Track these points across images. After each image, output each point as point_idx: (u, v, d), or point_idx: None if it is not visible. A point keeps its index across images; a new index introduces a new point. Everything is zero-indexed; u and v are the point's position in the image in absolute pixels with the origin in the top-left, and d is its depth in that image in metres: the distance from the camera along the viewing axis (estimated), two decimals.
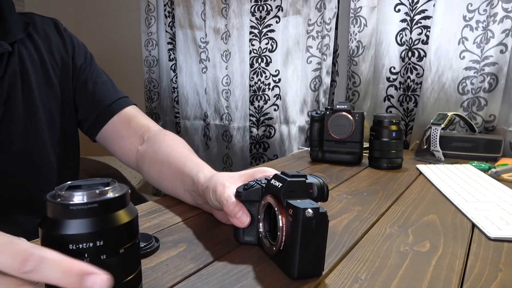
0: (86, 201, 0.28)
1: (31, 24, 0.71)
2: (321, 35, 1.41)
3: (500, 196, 0.66)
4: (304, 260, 0.38)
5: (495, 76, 1.09)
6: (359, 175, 0.87)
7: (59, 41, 0.75)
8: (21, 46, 0.68)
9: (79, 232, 0.28)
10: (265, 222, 0.44)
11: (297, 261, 0.38)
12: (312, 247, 0.38)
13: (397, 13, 1.25)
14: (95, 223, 0.28)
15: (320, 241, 0.38)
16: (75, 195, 0.28)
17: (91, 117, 0.76)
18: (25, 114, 0.66)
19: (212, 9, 1.63)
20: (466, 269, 0.42)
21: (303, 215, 0.37)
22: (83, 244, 0.28)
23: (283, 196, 0.40)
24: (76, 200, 0.28)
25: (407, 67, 1.26)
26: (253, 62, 1.58)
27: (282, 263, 0.41)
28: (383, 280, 0.39)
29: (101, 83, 0.78)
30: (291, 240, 0.39)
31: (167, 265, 0.42)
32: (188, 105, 1.79)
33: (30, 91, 0.67)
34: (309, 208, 0.37)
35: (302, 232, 0.37)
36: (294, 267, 0.38)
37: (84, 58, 0.78)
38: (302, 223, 0.37)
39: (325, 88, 1.42)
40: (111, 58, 2.03)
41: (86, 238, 0.28)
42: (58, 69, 0.74)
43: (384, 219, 0.57)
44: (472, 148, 1.04)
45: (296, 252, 0.38)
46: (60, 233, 0.28)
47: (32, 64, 0.69)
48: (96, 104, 0.76)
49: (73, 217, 0.28)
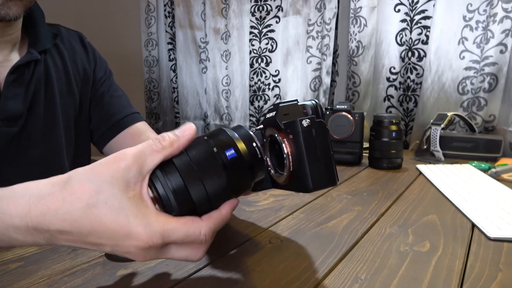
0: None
1: (59, 35, 0.75)
2: (321, 35, 1.41)
3: (500, 196, 0.66)
4: (315, 170, 0.37)
5: (495, 76, 1.09)
6: (359, 175, 0.87)
7: (83, 53, 0.79)
8: (48, 55, 0.72)
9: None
10: (272, 159, 0.43)
11: (308, 173, 0.37)
12: (318, 156, 0.38)
13: (397, 13, 1.25)
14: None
15: (325, 149, 0.38)
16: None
17: (102, 128, 0.80)
18: (45, 120, 0.70)
19: (212, 9, 1.63)
20: (466, 269, 0.42)
21: (300, 126, 0.37)
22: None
23: (279, 120, 0.40)
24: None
25: (407, 67, 1.26)
26: (253, 62, 1.58)
27: (296, 185, 0.40)
28: (383, 280, 0.39)
29: (117, 97, 0.82)
30: (298, 157, 0.38)
31: (167, 265, 0.42)
32: (188, 105, 1.79)
33: (53, 99, 0.71)
34: (305, 118, 0.37)
35: (305, 143, 0.37)
36: (307, 179, 0.38)
37: (104, 72, 0.82)
38: (302, 134, 0.37)
39: (325, 88, 1.42)
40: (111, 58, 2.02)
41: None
42: (80, 79, 0.78)
43: (384, 219, 0.57)
44: (472, 148, 1.04)
45: (305, 165, 0.37)
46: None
47: (57, 73, 0.73)
48: (109, 117, 0.80)
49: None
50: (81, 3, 2.16)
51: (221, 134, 0.38)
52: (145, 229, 0.31)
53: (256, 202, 0.65)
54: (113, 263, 0.43)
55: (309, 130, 0.37)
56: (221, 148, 0.37)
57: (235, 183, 0.37)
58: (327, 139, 0.38)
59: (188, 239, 0.33)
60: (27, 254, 0.45)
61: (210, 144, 0.37)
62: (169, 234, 0.32)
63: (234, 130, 0.40)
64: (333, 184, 0.39)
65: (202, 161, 0.36)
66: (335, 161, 0.39)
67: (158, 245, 0.32)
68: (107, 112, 0.80)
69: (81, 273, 0.40)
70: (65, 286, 0.38)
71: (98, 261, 0.43)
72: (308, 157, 0.37)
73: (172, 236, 0.32)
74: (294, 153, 0.39)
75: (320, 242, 0.49)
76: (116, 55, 2.07)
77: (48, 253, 0.45)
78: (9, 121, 0.64)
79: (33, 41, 0.69)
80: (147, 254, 0.33)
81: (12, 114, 0.64)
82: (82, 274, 0.40)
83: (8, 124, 0.64)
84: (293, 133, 0.38)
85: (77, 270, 0.41)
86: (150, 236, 0.32)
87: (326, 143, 0.38)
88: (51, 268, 0.41)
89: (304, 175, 0.38)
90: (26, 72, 0.66)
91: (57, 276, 0.40)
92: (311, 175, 0.37)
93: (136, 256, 0.33)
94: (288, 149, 0.39)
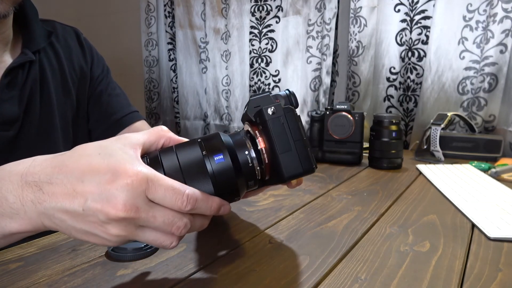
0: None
1: (54, 32, 0.73)
2: (321, 35, 1.41)
3: (500, 196, 0.66)
4: (287, 158, 0.37)
5: (495, 76, 1.09)
6: (359, 175, 0.87)
7: (79, 50, 0.77)
8: (42, 55, 0.70)
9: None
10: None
11: (281, 162, 0.36)
12: (289, 143, 0.36)
13: (397, 13, 1.25)
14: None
15: (297, 135, 0.37)
16: None
17: (101, 127, 0.79)
18: (42, 122, 0.68)
19: (212, 9, 1.63)
20: (466, 269, 0.42)
21: (266, 114, 0.36)
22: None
23: (249, 113, 0.38)
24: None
25: (407, 67, 1.26)
26: (253, 62, 1.58)
27: (275, 177, 0.39)
28: (383, 280, 0.39)
29: (115, 96, 0.81)
30: (270, 147, 0.37)
31: (167, 265, 0.42)
32: (188, 105, 1.79)
33: (49, 100, 0.70)
34: (270, 106, 0.36)
35: (273, 131, 0.36)
36: (281, 169, 0.37)
37: (101, 70, 0.80)
38: (269, 122, 0.36)
39: (325, 88, 1.42)
40: (111, 58, 2.02)
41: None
42: (76, 78, 0.76)
43: (384, 219, 0.57)
44: (472, 148, 1.04)
45: (276, 154, 0.36)
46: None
47: (52, 73, 0.71)
48: (107, 116, 0.79)
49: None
50: (81, 3, 2.16)
51: (214, 139, 0.38)
52: (132, 167, 0.32)
53: (256, 202, 0.65)
54: (113, 263, 0.43)
55: (276, 117, 0.36)
56: (210, 152, 0.36)
57: (222, 188, 0.36)
58: (297, 124, 0.37)
59: (173, 192, 0.33)
60: (27, 254, 0.45)
61: (201, 147, 0.37)
62: (156, 178, 0.33)
63: (232, 136, 0.40)
64: (310, 171, 0.38)
65: (189, 163, 0.36)
66: (310, 147, 0.38)
67: (143, 186, 0.32)
68: (106, 111, 0.79)
69: (81, 273, 0.40)
70: (65, 286, 0.38)
71: (98, 261, 0.43)
72: (278, 146, 0.36)
73: (159, 182, 0.33)
74: (267, 144, 0.37)
75: (320, 242, 0.49)
76: (116, 55, 2.07)
77: (48, 253, 0.45)
78: (5, 125, 0.63)
79: (27, 41, 0.67)
80: (130, 204, 0.31)
81: (7, 118, 0.63)
82: (82, 274, 0.40)
83: (4, 128, 0.63)
84: (261, 123, 0.37)
85: (77, 270, 0.41)
86: (136, 173, 0.32)
87: (296, 128, 0.37)
88: (51, 268, 0.41)
89: (278, 165, 0.37)
90: (21, 74, 0.65)
91: (57, 276, 0.40)
92: (284, 163, 0.36)
93: (119, 207, 0.31)
94: (262, 142, 0.38)
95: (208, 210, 0.36)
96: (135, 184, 0.32)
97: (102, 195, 0.31)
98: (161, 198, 0.33)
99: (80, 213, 0.32)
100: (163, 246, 0.35)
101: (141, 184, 0.32)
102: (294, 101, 0.42)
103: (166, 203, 0.34)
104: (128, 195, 0.31)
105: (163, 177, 0.34)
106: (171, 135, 0.40)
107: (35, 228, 0.34)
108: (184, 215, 0.35)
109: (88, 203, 0.31)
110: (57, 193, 0.32)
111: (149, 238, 0.34)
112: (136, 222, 0.33)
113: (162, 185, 0.33)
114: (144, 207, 0.33)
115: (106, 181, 0.32)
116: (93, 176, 0.32)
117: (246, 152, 0.38)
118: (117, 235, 0.33)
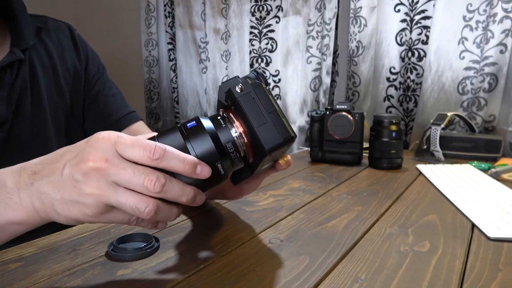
0: None
1: (44, 28, 0.70)
2: (321, 35, 1.41)
3: (500, 196, 0.66)
4: (265, 131, 0.36)
5: (495, 76, 1.09)
6: (359, 175, 0.87)
7: (72, 48, 0.74)
8: (32, 53, 0.67)
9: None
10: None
11: (259, 135, 0.36)
12: (264, 115, 0.37)
13: (397, 13, 1.25)
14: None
15: (269, 107, 0.37)
16: None
17: (98, 128, 0.76)
18: (33, 123, 0.66)
19: (212, 9, 1.63)
20: (466, 269, 0.42)
21: (235, 92, 0.36)
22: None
23: (220, 98, 0.39)
24: None
25: (407, 67, 1.26)
26: (253, 62, 1.58)
27: (258, 156, 0.39)
28: (383, 280, 0.39)
29: (112, 96, 0.78)
30: (246, 125, 0.37)
31: (167, 265, 0.42)
32: (188, 105, 1.79)
33: (40, 99, 0.67)
34: (238, 84, 0.36)
35: (246, 107, 0.36)
36: (260, 143, 0.36)
37: (97, 69, 0.78)
38: (240, 99, 0.36)
39: (325, 88, 1.42)
40: (111, 58, 2.03)
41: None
42: (70, 77, 0.73)
43: (384, 219, 0.57)
44: (472, 148, 1.04)
45: (253, 129, 0.36)
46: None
47: (43, 72, 0.68)
48: (105, 117, 0.76)
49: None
50: (81, 3, 2.16)
51: (192, 119, 0.38)
52: (105, 131, 0.36)
53: (256, 202, 0.65)
54: (113, 263, 0.43)
55: (246, 93, 0.36)
56: (185, 123, 0.38)
57: (203, 156, 0.36)
58: (267, 97, 0.37)
59: (142, 144, 0.34)
60: (27, 254, 0.45)
61: (177, 126, 0.38)
62: (126, 135, 0.35)
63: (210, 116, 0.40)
64: (290, 141, 0.38)
65: (166, 135, 0.37)
66: (285, 117, 0.38)
67: (112, 140, 0.34)
68: (103, 112, 0.76)
69: (81, 273, 0.40)
70: (65, 286, 0.38)
71: (98, 261, 0.43)
72: (253, 120, 0.36)
73: (128, 137, 0.35)
74: (244, 125, 0.37)
75: (320, 242, 0.49)
76: (116, 55, 2.07)
77: (48, 253, 0.45)
78: None
79: (15, 39, 0.64)
80: (99, 157, 0.33)
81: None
82: (82, 274, 0.40)
83: None
84: (233, 103, 0.37)
85: (77, 270, 0.41)
86: (108, 132, 0.35)
87: (268, 101, 0.37)
88: (51, 268, 0.41)
89: (257, 139, 0.37)
90: (9, 74, 0.62)
91: (57, 276, 0.40)
92: (262, 136, 0.36)
93: (89, 158, 0.34)
94: (239, 127, 0.38)
95: (180, 165, 0.35)
96: (105, 139, 0.35)
97: (77, 156, 0.35)
98: (130, 151, 0.34)
99: (60, 179, 0.34)
100: (139, 213, 0.34)
101: (110, 138, 0.34)
102: (263, 80, 0.42)
103: (135, 155, 0.34)
104: (98, 148, 0.34)
105: (132, 137, 0.35)
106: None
107: (28, 214, 0.36)
108: (156, 171, 0.34)
109: (65, 168, 0.35)
110: (45, 171, 0.36)
111: (122, 198, 0.34)
112: (107, 177, 0.33)
113: (131, 139, 0.35)
114: (113, 159, 0.34)
115: (81, 145, 0.36)
116: (73, 147, 0.36)
117: (224, 125, 0.38)
118: (91, 193, 0.33)
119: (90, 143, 0.35)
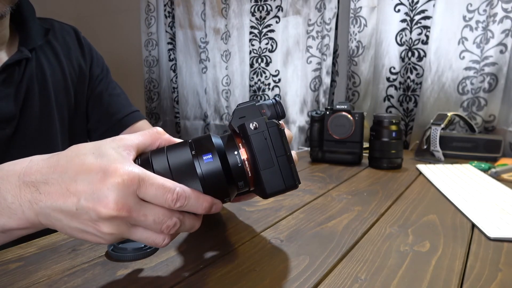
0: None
1: (51, 30, 0.72)
2: (321, 35, 1.41)
3: (500, 196, 0.66)
4: (270, 174, 0.36)
5: (495, 76, 1.09)
6: (359, 175, 0.87)
7: (78, 49, 0.77)
8: (40, 53, 0.69)
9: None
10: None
11: (263, 178, 0.36)
12: (272, 159, 0.36)
13: (397, 13, 1.25)
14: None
15: (280, 151, 0.36)
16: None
17: (101, 128, 0.78)
18: (41, 120, 0.68)
19: (212, 9, 1.63)
20: (466, 269, 0.42)
21: (248, 129, 0.36)
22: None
23: (234, 124, 0.38)
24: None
25: (407, 67, 1.26)
26: (253, 62, 1.58)
27: (258, 189, 0.39)
28: (383, 280, 0.39)
29: (116, 96, 0.80)
30: (252, 162, 0.36)
31: (167, 265, 0.42)
32: (188, 105, 1.79)
33: (47, 97, 0.69)
34: (253, 120, 0.36)
35: (255, 147, 0.36)
36: (263, 186, 0.36)
37: (101, 69, 0.80)
38: (251, 138, 0.36)
39: (325, 88, 1.42)
40: (111, 58, 2.03)
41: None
42: (76, 77, 0.75)
43: (384, 219, 0.57)
44: (472, 148, 1.04)
45: (258, 170, 0.36)
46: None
47: (51, 70, 0.70)
48: (109, 116, 0.78)
49: None
50: (81, 3, 2.16)
51: (204, 139, 0.37)
52: (124, 166, 0.33)
53: (256, 202, 0.65)
54: (113, 263, 0.43)
55: (258, 133, 0.36)
56: (200, 152, 0.36)
57: (211, 188, 0.36)
58: (281, 139, 0.36)
59: (163, 190, 0.33)
60: (27, 254, 0.45)
61: (191, 147, 0.37)
62: (147, 177, 0.33)
63: (223, 137, 0.39)
64: (293, 187, 0.37)
65: (178, 163, 0.36)
66: (294, 163, 0.37)
67: (134, 185, 0.32)
68: (107, 112, 0.78)
69: (81, 273, 0.40)
70: (65, 286, 0.38)
71: (98, 261, 0.43)
72: (261, 162, 0.36)
73: (150, 181, 0.33)
74: (249, 158, 0.37)
75: (320, 242, 0.49)
76: (116, 55, 2.07)
77: (48, 253, 0.45)
78: (1, 123, 0.62)
79: (24, 39, 0.67)
80: (121, 203, 0.32)
81: (3, 116, 0.62)
82: (82, 274, 0.40)
83: (0, 126, 0.62)
84: (244, 137, 0.36)
85: (77, 270, 0.41)
86: (128, 173, 0.32)
87: (280, 144, 0.36)
88: (51, 268, 0.41)
89: (260, 180, 0.36)
90: (17, 72, 0.64)
91: (57, 276, 0.40)
92: (266, 180, 0.36)
93: (110, 206, 0.31)
94: (244, 154, 0.37)
95: (199, 208, 0.36)
96: (126, 183, 0.32)
97: (94, 194, 0.32)
98: (152, 196, 0.33)
99: (74, 212, 0.32)
100: (156, 244, 0.35)
101: (132, 183, 0.32)
102: (281, 110, 0.41)
103: (157, 201, 0.34)
104: (119, 194, 0.32)
105: (154, 176, 0.34)
106: (167, 137, 0.40)
107: (33, 226, 0.35)
108: (173, 214, 0.35)
109: (81, 202, 0.32)
110: (52, 193, 0.33)
111: (141, 236, 0.35)
112: (128, 221, 0.33)
113: (153, 184, 0.33)
114: (135, 206, 0.33)
115: (98, 180, 0.32)
116: (85, 175, 0.32)
117: (236, 152, 0.37)
118: (110, 233, 0.33)
119: (110, 185, 0.32)
